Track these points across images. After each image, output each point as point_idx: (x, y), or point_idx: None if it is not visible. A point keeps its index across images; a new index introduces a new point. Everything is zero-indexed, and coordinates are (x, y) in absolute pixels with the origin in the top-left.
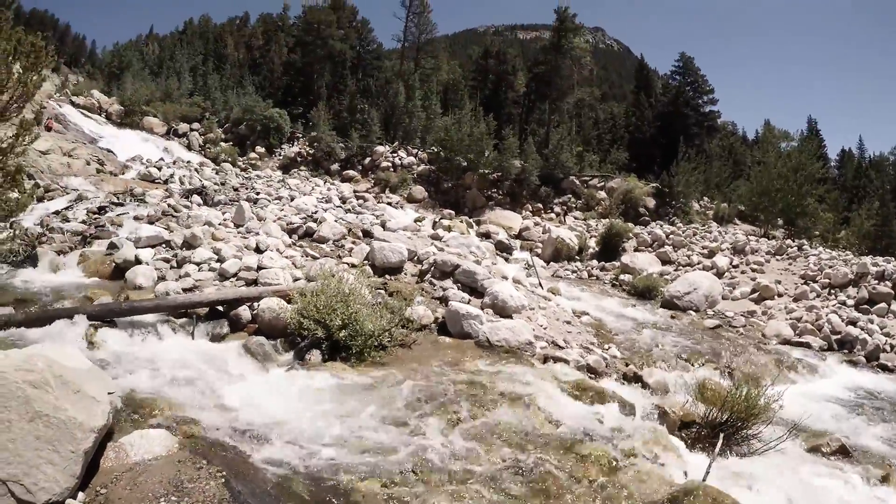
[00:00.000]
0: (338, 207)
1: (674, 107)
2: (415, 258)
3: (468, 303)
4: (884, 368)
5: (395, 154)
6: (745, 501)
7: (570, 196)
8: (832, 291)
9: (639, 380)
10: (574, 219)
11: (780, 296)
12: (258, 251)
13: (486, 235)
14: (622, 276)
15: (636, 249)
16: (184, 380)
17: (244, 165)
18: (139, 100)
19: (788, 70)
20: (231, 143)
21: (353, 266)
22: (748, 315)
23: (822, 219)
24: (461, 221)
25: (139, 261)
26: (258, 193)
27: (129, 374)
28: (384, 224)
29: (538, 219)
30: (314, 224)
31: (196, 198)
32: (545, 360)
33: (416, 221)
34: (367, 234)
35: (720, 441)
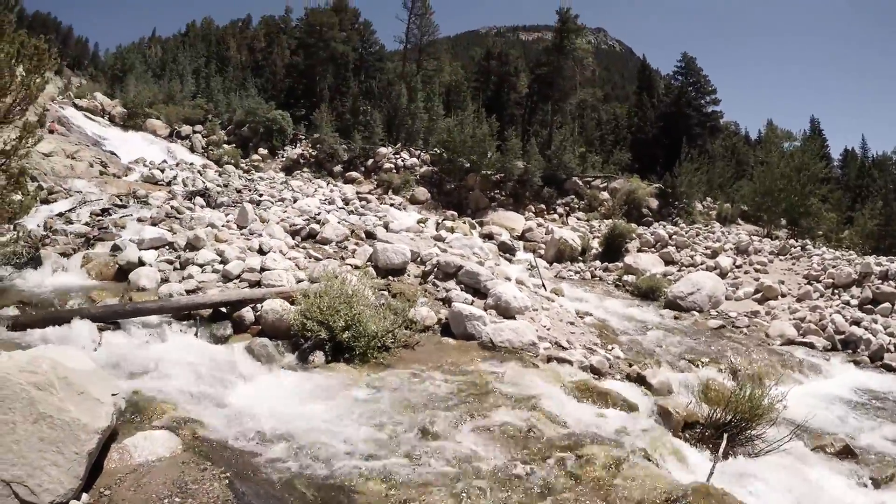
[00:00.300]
0: (340, 209)
1: (676, 107)
2: (418, 259)
3: (471, 304)
4: (888, 368)
5: (398, 155)
6: (749, 502)
7: (573, 197)
8: (836, 291)
9: (642, 380)
10: (577, 220)
11: (784, 296)
12: (261, 253)
13: (489, 236)
14: (625, 277)
15: (639, 250)
16: (187, 381)
17: (247, 167)
18: (142, 102)
19: (790, 70)
20: (234, 146)
21: (357, 267)
22: (752, 315)
23: (826, 219)
24: (464, 223)
25: (142, 262)
26: (261, 195)
27: (133, 376)
28: (387, 225)
29: (541, 220)
30: (317, 226)
31: (199, 200)
32: (549, 361)
33: (419, 223)
34: (370, 236)
35: (724, 442)
